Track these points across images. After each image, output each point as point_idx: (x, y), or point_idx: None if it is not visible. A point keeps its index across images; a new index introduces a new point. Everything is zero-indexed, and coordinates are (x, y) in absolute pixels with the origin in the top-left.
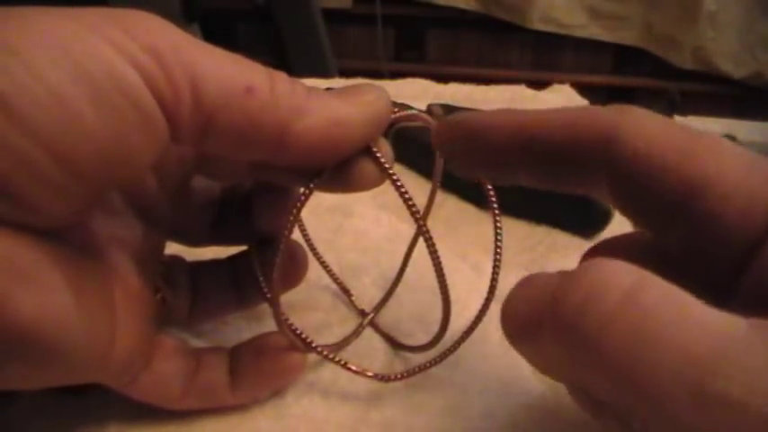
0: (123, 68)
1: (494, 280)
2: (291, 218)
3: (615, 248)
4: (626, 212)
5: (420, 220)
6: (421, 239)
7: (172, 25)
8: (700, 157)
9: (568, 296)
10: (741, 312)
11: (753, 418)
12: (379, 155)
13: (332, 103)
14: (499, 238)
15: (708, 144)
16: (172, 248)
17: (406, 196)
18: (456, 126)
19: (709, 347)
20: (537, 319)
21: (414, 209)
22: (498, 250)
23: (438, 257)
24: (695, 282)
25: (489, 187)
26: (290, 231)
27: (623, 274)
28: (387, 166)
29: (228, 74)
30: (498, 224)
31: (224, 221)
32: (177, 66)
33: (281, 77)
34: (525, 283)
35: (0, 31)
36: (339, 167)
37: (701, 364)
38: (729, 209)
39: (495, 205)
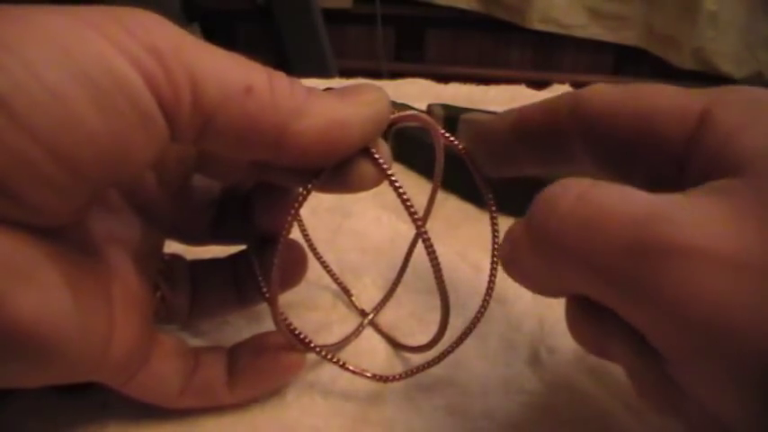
0: (123, 68)
1: (491, 280)
2: (290, 218)
3: None
4: (603, 170)
5: (418, 221)
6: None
7: (172, 24)
8: (646, 94)
9: (534, 212)
10: None
11: (699, 261)
12: (377, 156)
13: (331, 104)
14: (496, 238)
15: (652, 87)
16: (172, 247)
17: (405, 197)
18: (468, 128)
19: (650, 208)
20: (516, 243)
21: (412, 209)
22: (496, 251)
23: (437, 259)
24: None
25: (487, 188)
26: (289, 231)
27: (575, 184)
28: (385, 167)
29: (228, 74)
30: (495, 224)
31: (224, 220)
32: (177, 65)
33: (280, 77)
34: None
35: None
36: (338, 168)
37: (644, 220)
38: (670, 123)
39: (493, 205)
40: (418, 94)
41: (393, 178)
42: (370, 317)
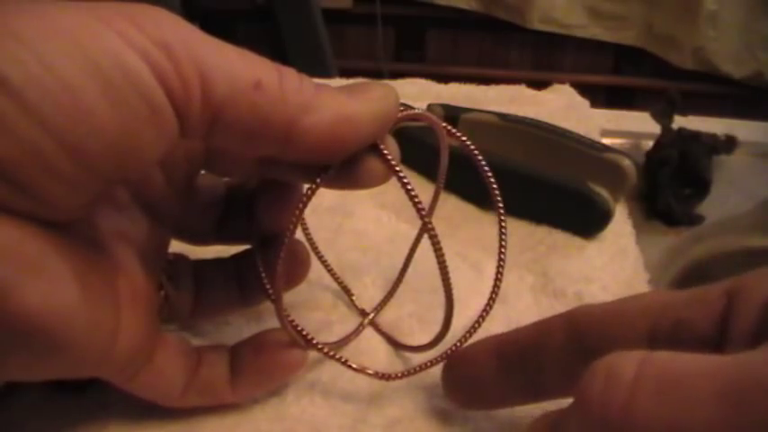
0: (134, 62)
1: (498, 278)
2: (297, 212)
3: None
4: None
5: (425, 217)
6: (425, 237)
7: (182, 20)
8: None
9: (588, 392)
10: None
11: None
12: (386, 152)
13: (340, 100)
14: (504, 238)
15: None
16: (176, 247)
17: (413, 193)
18: None
19: (728, 357)
20: (556, 425)
21: (420, 206)
22: (503, 251)
23: (443, 255)
24: None
25: (495, 188)
26: (296, 226)
27: (629, 354)
28: (393, 163)
29: (237, 69)
30: (503, 225)
31: (228, 220)
32: (187, 60)
33: (289, 73)
34: (538, 417)
35: (12, 21)
36: (346, 164)
37: (731, 365)
38: (692, 310)
39: (501, 207)
40: (418, 94)
41: (401, 174)
42: (371, 316)
